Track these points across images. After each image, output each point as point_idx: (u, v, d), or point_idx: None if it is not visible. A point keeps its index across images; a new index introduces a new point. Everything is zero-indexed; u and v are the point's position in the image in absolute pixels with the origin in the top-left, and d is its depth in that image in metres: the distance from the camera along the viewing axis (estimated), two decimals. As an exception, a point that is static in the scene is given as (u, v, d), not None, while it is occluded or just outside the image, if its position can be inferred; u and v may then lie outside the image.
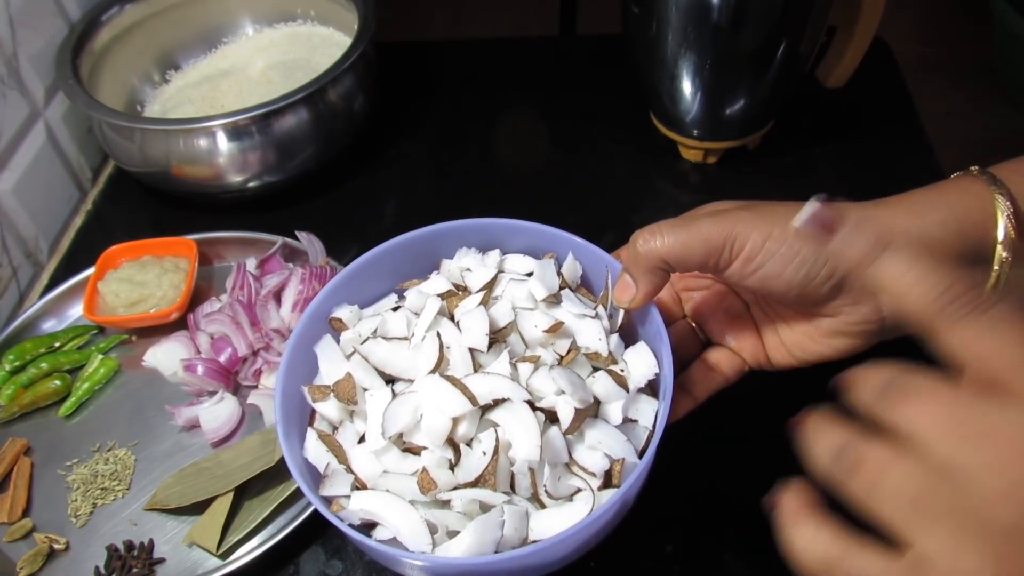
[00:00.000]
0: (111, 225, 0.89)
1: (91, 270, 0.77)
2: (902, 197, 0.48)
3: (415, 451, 0.50)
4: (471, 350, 0.51)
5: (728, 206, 0.51)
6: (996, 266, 0.46)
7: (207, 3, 0.97)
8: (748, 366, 0.55)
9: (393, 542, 0.49)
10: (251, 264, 0.77)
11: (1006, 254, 0.46)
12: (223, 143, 0.80)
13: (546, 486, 0.49)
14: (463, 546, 0.46)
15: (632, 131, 0.93)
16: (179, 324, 0.75)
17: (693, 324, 0.58)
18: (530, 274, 0.56)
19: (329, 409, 0.54)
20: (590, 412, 0.50)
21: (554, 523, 0.48)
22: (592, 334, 0.53)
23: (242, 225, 0.81)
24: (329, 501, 0.51)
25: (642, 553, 0.60)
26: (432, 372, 0.51)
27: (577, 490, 0.50)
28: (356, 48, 0.85)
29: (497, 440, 0.48)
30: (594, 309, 0.54)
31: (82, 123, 0.91)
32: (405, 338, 0.54)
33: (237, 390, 0.71)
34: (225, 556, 0.60)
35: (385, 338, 0.54)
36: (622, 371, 0.52)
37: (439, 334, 0.52)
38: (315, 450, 0.53)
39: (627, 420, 0.52)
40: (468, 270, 0.57)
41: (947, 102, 1.99)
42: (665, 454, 0.50)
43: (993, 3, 2.04)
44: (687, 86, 0.80)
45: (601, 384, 0.51)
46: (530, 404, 0.49)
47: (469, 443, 0.49)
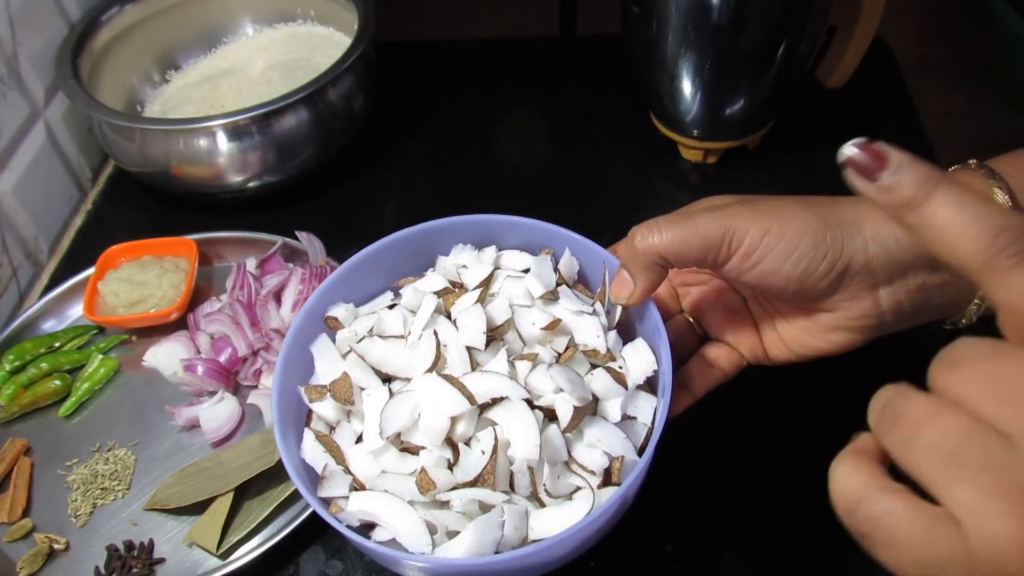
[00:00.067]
0: (111, 225, 0.89)
1: (91, 270, 0.77)
2: None
3: (413, 451, 0.50)
4: (468, 348, 0.51)
5: (725, 201, 0.51)
6: None
7: (207, 3, 0.97)
8: (746, 361, 0.55)
9: (392, 543, 0.48)
10: (251, 264, 0.77)
11: None
12: (223, 143, 0.80)
13: (545, 485, 0.48)
14: (463, 546, 0.46)
15: (632, 131, 0.93)
16: (179, 324, 0.75)
17: (691, 320, 0.58)
18: (527, 270, 0.56)
19: (326, 409, 0.54)
20: (589, 410, 0.50)
21: (554, 522, 0.48)
22: (590, 331, 0.53)
23: (242, 225, 0.81)
24: (327, 502, 0.51)
25: (642, 553, 0.59)
26: (429, 371, 0.50)
27: (577, 488, 0.49)
28: (356, 48, 0.85)
29: (496, 439, 0.48)
30: (592, 306, 0.54)
31: (82, 123, 0.91)
32: (402, 336, 0.54)
33: (237, 390, 0.71)
34: (225, 556, 0.60)
35: (381, 337, 0.54)
36: (620, 368, 0.52)
37: (436, 332, 0.52)
38: (312, 451, 0.52)
39: (626, 417, 0.51)
40: (464, 267, 0.57)
41: (947, 102, 1.99)
42: (664, 451, 0.49)
43: (993, 3, 2.04)
44: (687, 86, 0.80)
45: (600, 381, 0.50)
46: (528, 402, 0.49)
47: (468, 442, 0.49)
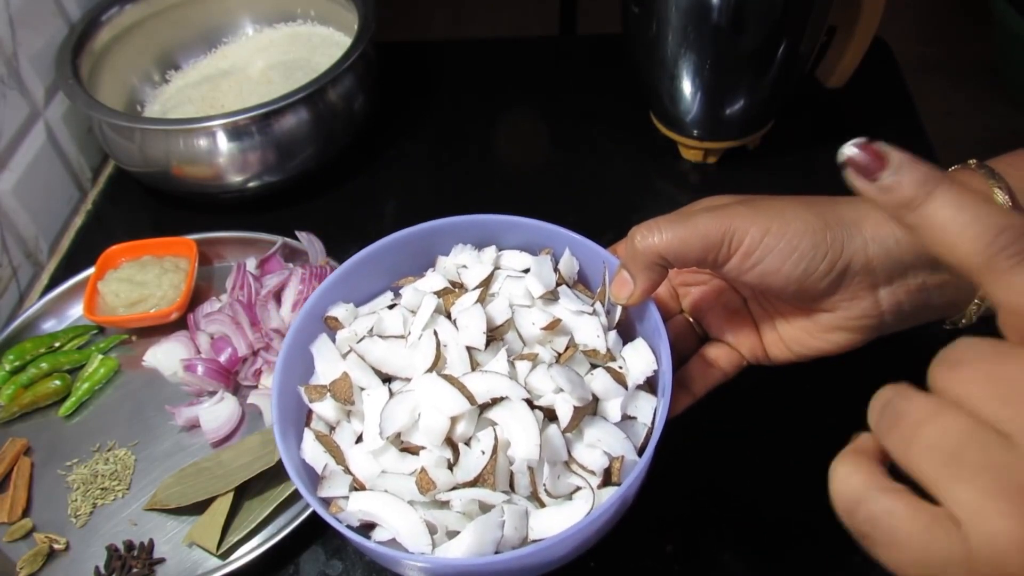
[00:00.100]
0: (111, 225, 0.89)
1: (91, 270, 0.77)
2: None
3: (413, 451, 0.50)
4: (468, 348, 0.51)
5: (725, 201, 0.51)
6: None
7: (207, 3, 0.97)
8: (746, 361, 0.55)
9: (392, 543, 0.48)
10: (251, 264, 0.77)
11: None
12: (223, 143, 0.80)
13: (545, 485, 0.48)
14: (463, 546, 0.46)
15: (632, 131, 0.92)
16: (179, 324, 0.75)
17: (691, 320, 0.58)
18: (527, 271, 0.56)
19: (326, 409, 0.54)
20: (589, 410, 0.50)
21: (554, 522, 0.48)
22: (590, 331, 0.53)
23: (242, 225, 0.81)
24: (327, 502, 0.51)
25: (642, 553, 0.59)
26: (429, 371, 0.50)
27: (577, 488, 0.49)
28: (356, 48, 0.85)
29: (496, 439, 0.48)
30: (592, 306, 0.54)
31: (82, 123, 0.91)
32: (402, 336, 0.54)
33: (237, 390, 0.71)
34: (225, 556, 0.60)
35: (381, 337, 0.54)
36: (620, 368, 0.52)
37: (436, 332, 0.52)
38: (312, 451, 0.52)
39: (626, 417, 0.51)
40: (464, 267, 0.57)
41: (947, 102, 1.99)
42: (664, 451, 0.49)
43: (993, 3, 2.04)
44: (687, 86, 0.80)
45: (600, 381, 0.50)
46: (528, 402, 0.49)
47: (468, 442, 0.49)
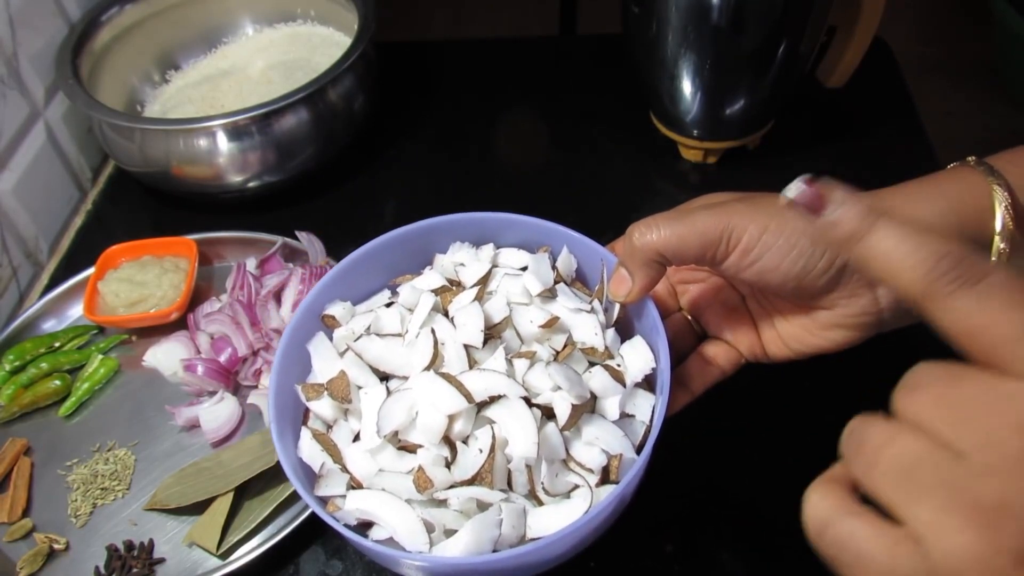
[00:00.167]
0: (111, 225, 0.89)
1: (91, 270, 0.77)
2: (898, 189, 0.48)
3: (411, 449, 0.50)
4: (466, 346, 0.51)
5: (724, 198, 0.51)
6: (994, 257, 0.46)
7: (207, 3, 0.97)
8: (744, 359, 0.55)
9: (390, 542, 0.48)
10: (251, 264, 0.77)
11: (1004, 245, 0.45)
12: (223, 143, 0.80)
13: (543, 483, 0.48)
14: (461, 545, 0.46)
15: (632, 131, 0.92)
16: (179, 324, 0.75)
17: (689, 317, 0.58)
18: (524, 268, 0.56)
19: (323, 408, 0.54)
20: (587, 408, 0.50)
21: (552, 520, 0.48)
22: (588, 329, 0.53)
23: (242, 225, 0.81)
24: (325, 501, 0.51)
25: (642, 553, 0.59)
26: (427, 369, 0.50)
27: (575, 487, 0.49)
28: (356, 48, 0.85)
29: (494, 437, 0.48)
30: (590, 303, 0.54)
31: (82, 123, 0.92)
32: (399, 335, 0.54)
33: (237, 390, 0.71)
34: (225, 556, 0.60)
35: (379, 335, 0.54)
36: (618, 366, 0.52)
37: (433, 330, 0.51)
38: (309, 449, 0.52)
39: (624, 415, 0.51)
40: (462, 265, 0.57)
41: (947, 102, 1.99)
42: (662, 449, 0.49)
43: (993, 3, 2.04)
44: (687, 86, 0.80)
45: (598, 379, 0.50)
46: (526, 400, 0.49)
47: (465, 440, 0.49)
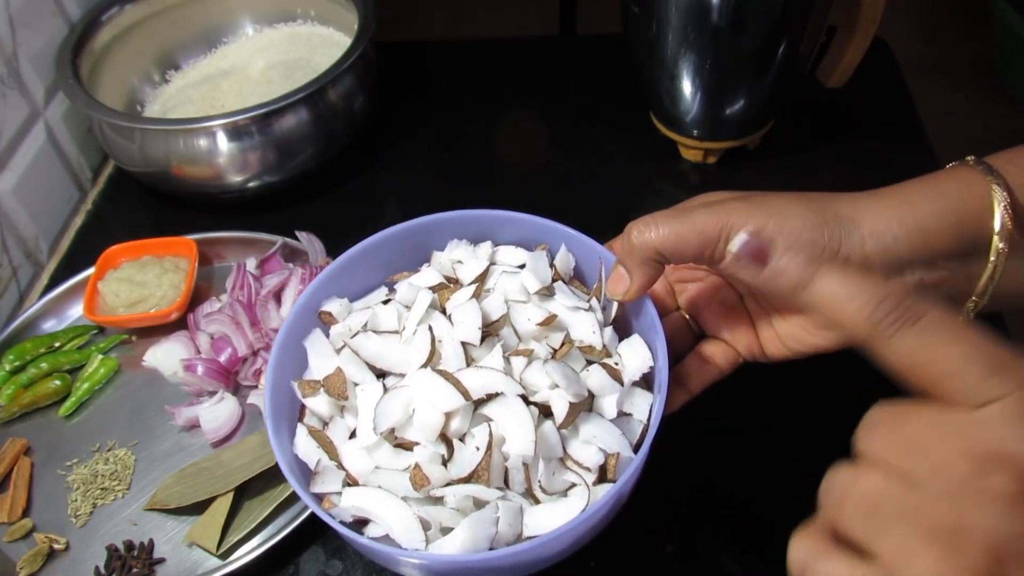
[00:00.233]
0: (111, 225, 0.89)
1: (91, 270, 0.77)
2: (897, 188, 0.48)
3: (407, 447, 0.50)
4: (463, 344, 0.51)
5: (722, 197, 0.51)
6: (992, 257, 0.46)
7: (207, 3, 0.97)
8: (742, 358, 0.55)
9: (386, 539, 0.48)
10: (251, 264, 0.77)
11: (1002, 245, 0.45)
12: (223, 143, 0.80)
13: (540, 481, 0.48)
14: (457, 543, 0.46)
15: (632, 131, 0.92)
16: (179, 324, 0.75)
17: (687, 316, 0.58)
18: (522, 266, 0.56)
19: (319, 404, 0.54)
20: (584, 406, 0.50)
21: (549, 519, 0.48)
22: (586, 327, 0.53)
23: (242, 225, 0.81)
24: (321, 498, 0.51)
25: (642, 553, 0.59)
26: (424, 366, 0.50)
27: (572, 485, 0.49)
28: (356, 48, 0.85)
29: (491, 435, 0.48)
30: (588, 302, 0.54)
31: (82, 123, 0.92)
32: (396, 332, 0.54)
33: (237, 390, 0.71)
34: (225, 556, 0.60)
35: (376, 332, 0.54)
36: (616, 364, 0.52)
37: (431, 328, 0.51)
38: (305, 446, 0.52)
39: (622, 414, 0.51)
40: (459, 262, 0.57)
41: (947, 102, 1.99)
42: (660, 448, 0.49)
43: (993, 3, 2.04)
44: (687, 86, 0.80)
45: (595, 378, 0.50)
46: (524, 398, 0.49)
47: (462, 438, 0.49)
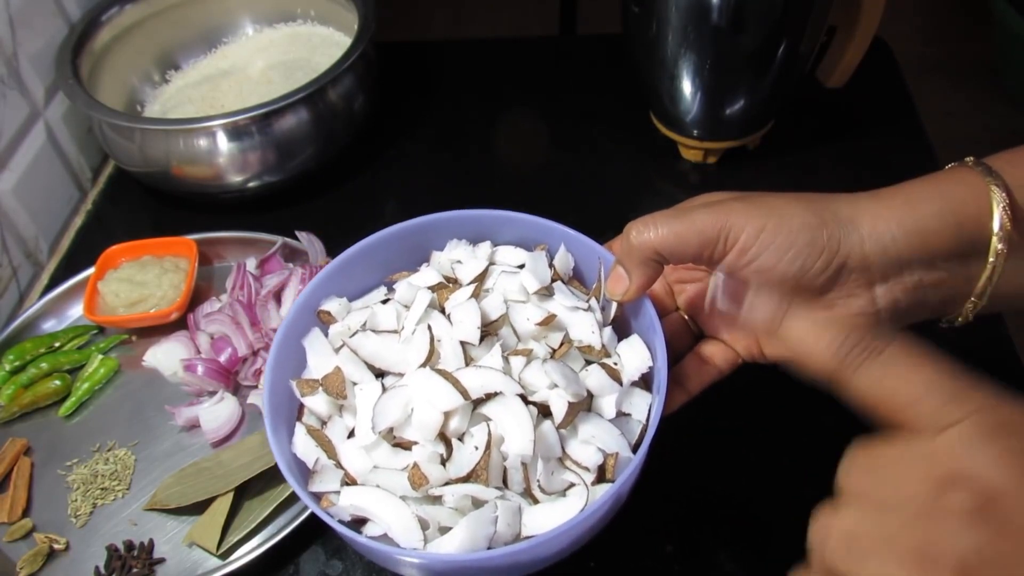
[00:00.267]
0: (111, 225, 0.89)
1: (91, 270, 0.77)
2: (897, 189, 0.48)
3: (406, 446, 0.50)
4: (462, 343, 0.51)
5: (722, 197, 0.51)
6: (991, 258, 0.46)
7: (207, 3, 0.97)
8: (741, 359, 0.54)
9: (384, 538, 0.48)
10: (251, 264, 0.77)
11: (1001, 246, 0.45)
12: (223, 143, 0.80)
13: (539, 481, 0.48)
14: (455, 542, 0.46)
15: (632, 131, 0.92)
16: (179, 324, 0.75)
17: (686, 317, 0.57)
18: (522, 266, 0.56)
19: (318, 403, 0.54)
20: (583, 406, 0.50)
21: (547, 518, 0.48)
22: (585, 327, 0.53)
23: (242, 225, 0.81)
24: (319, 497, 0.51)
25: (642, 553, 0.59)
26: (423, 366, 0.50)
27: (570, 485, 0.49)
28: (356, 48, 0.85)
29: (489, 435, 0.48)
30: (587, 302, 0.54)
31: (82, 123, 0.92)
32: (395, 331, 0.54)
33: (237, 390, 0.71)
34: (225, 556, 0.60)
35: (375, 331, 0.54)
36: (615, 364, 0.52)
37: (430, 327, 0.51)
38: (304, 445, 0.52)
39: (620, 414, 0.51)
40: (459, 262, 0.57)
41: (947, 102, 1.99)
42: (659, 448, 0.49)
43: (993, 3, 2.04)
44: (687, 86, 0.80)
45: (594, 378, 0.50)
46: (523, 398, 0.49)
47: (461, 438, 0.49)
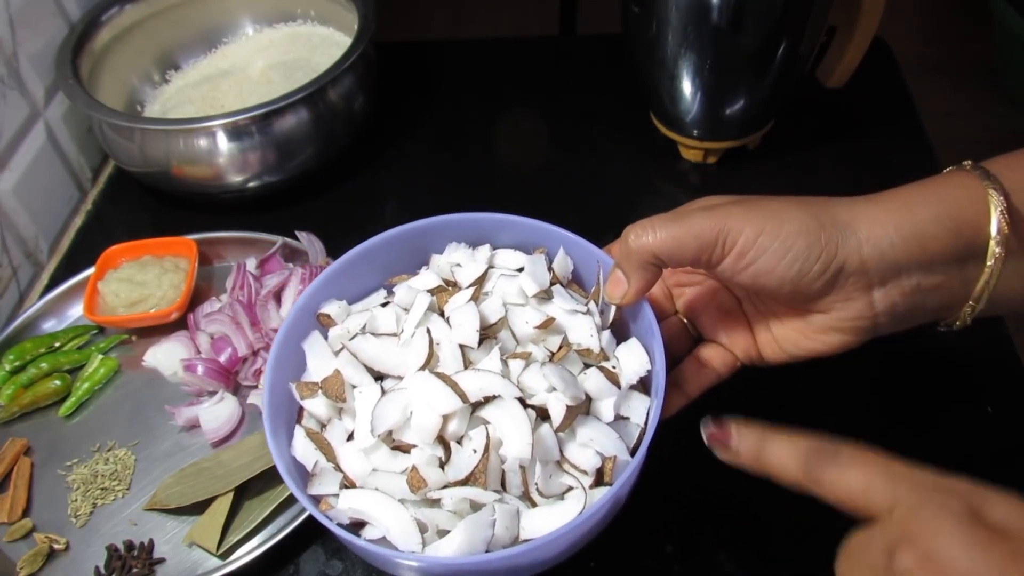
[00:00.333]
0: (111, 225, 0.89)
1: (91, 270, 0.77)
2: (895, 193, 0.48)
3: (405, 449, 0.50)
4: (461, 346, 0.51)
5: (720, 201, 0.51)
6: (989, 261, 0.46)
7: (207, 3, 0.97)
8: (740, 362, 0.55)
9: (383, 541, 0.48)
10: (251, 264, 0.77)
11: (999, 250, 0.45)
12: (223, 143, 0.80)
13: (537, 484, 0.48)
14: (453, 545, 0.46)
15: (632, 131, 0.92)
16: (179, 324, 0.75)
17: (685, 320, 0.58)
18: (521, 269, 0.56)
19: (317, 406, 0.54)
20: (582, 409, 0.50)
21: (545, 522, 0.48)
22: (583, 330, 0.53)
23: (242, 225, 0.81)
24: (318, 500, 0.51)
25: (642, 553, 0.59)
26: (422, 369, 0.50)
27: (569, 488, 0.49)
28: (356, 48, 0.85)
29: (488, 438, 0.48)
30: (585, 305, 0.54)
31: (82, 123, 0.92)
32: (394, 334, 0.54)
33: (237, 390, 0.71)
34: (225, 556, 0.60)
35: (374, 334, 0.54)
36: (614, 368, 0.52)
37: (429, 330, 0.52)
38: (303, 448, 0.52)
39: (619, 417, 0.51)
40: (458, 265, 0.57)
41: (947, 102, 1.99)
42: (658, 451, 0.49)
43: (993, 3, 2.04)
44: (687, 86, 0.80)
45: (593, 381, 0.50)
46: (521, 401, 0.49)
47: (459, 441, 0.49)
